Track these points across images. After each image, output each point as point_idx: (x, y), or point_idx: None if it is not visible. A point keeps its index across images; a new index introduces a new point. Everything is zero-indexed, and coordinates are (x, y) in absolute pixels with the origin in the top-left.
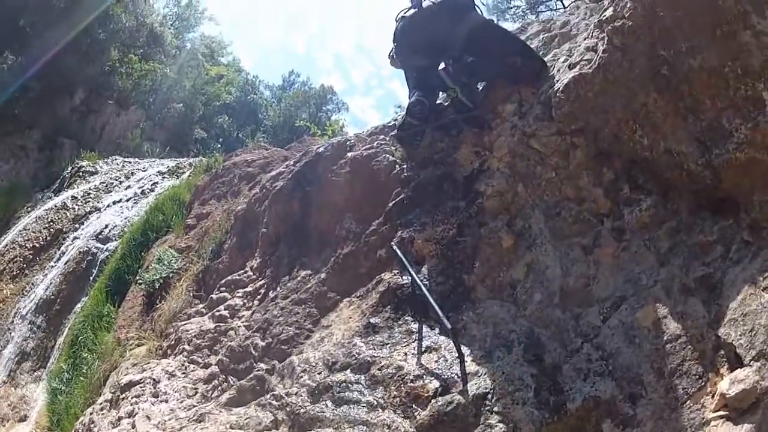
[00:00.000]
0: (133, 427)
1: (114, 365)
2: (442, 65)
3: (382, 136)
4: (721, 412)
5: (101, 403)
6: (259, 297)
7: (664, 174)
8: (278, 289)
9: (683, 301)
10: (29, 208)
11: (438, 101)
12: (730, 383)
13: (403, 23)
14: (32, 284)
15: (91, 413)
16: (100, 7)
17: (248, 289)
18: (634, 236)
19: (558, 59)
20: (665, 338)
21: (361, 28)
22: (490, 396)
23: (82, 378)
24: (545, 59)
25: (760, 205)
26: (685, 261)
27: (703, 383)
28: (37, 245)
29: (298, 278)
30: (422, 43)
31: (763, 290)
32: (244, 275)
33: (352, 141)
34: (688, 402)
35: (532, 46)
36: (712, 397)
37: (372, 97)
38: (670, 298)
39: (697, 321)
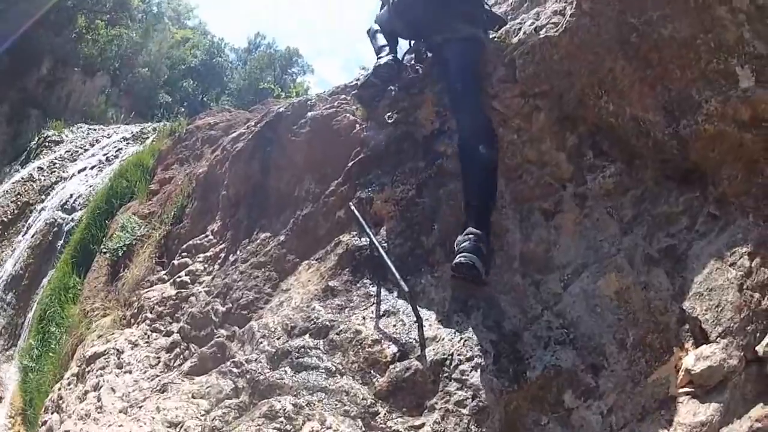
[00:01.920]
0: (99, 400)
1: (81, 338)
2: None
3: (343, 96)
4: (686, 389)
5: (68, 378)
6: (219, 261)
7: (629, 141)
8: (238, 252)
9: (646, 272)
10: None
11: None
12: (695, 359)
13: None
14: (1, 260)
15: (59, 389)
16: None
17: (209, 253)
18: (597, 203)
19: (525, 23)
20: (628, 308)
21: None
22: (448, 362)
23: (51, 354)
24: (512, 23)
25: (729, 180)
26: (649, 231)
27: (667, 357)
28: (5, 219)
29: (258, 241)
30: (409, 21)
31: (730, 266)
32: (205, 239)
33: (313, 101)
34: (651, 376)
35: (500, 10)
36: (677, 372)
37: (339, 58)
38: (633, 267)
39: (660, 292)
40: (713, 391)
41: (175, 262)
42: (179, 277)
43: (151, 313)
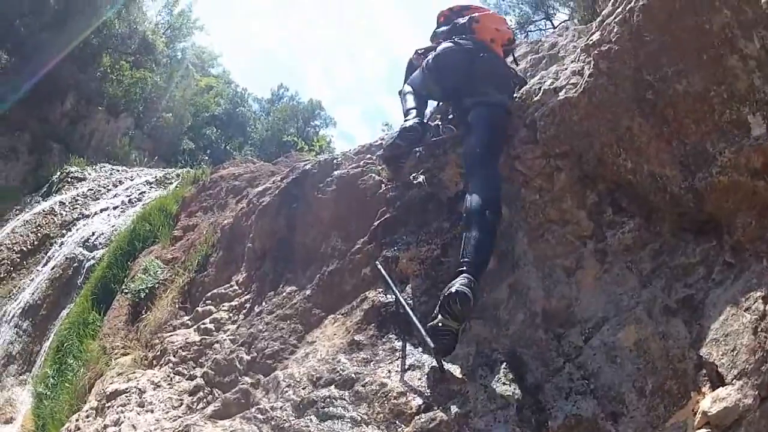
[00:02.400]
0: None
1: (99, 373)
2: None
3: (368, 155)
4: (703, 430)
5: (87, 411)
6: (244, 311)
7: (647, 197)
8: (264, 304)
9: (665, 322)
10: (17, 211)
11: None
12: (711, 401)
13: (446, 56)
14: (19, 288)
15: (76, 420)
16: (95, 12)
17: (234, 303)
18: (617, 258)
19: (545, 82)
20: (647, 358)
21: (347, 35)
22: (472, 414)
23: (67, 384)
24: (532, 82)
25: (743, 228)
26: (667, 282)
27: (684, 402)
28: (25, 249)
29: (284, 294)
30: (443, 84)
31: (745, 311)
32: (230, 289)
33: (339, 159)
34: (670, 420)
35: (519, 68)
36: (694, 415)
37: (359, 107)
38: (652, 318)
39: (678, 341)
40: (728, 430)
41: (199, 308)
42: (203, 323)
43: (174, 356)
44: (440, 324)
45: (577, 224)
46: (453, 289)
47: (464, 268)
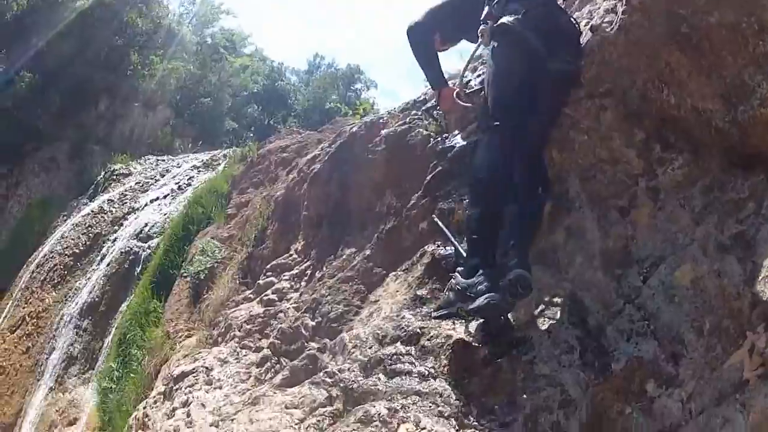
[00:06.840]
0: (188, 415)
1: (165, 358)
2: None
3: (414, 111)
4: (759, 371)
5: (154, 397)
6: (305, 278)
7: (693, 132)
8: (324, 269)
9: (720, 259)
10: (65, 217)
11: None
12: (766, 342)
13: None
14: (75, 290)
15: (144, 407)
16: (116, 16)
17: (294, 271)
18: (669, 195)
19: (580, 23)
20: (704, 297)
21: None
22: (537, 360)
23: (132, 375)
24: None
25: None
26: (719, 219)
27: (741, 342)
28: (77, 251)
29: (343, 257)
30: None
31: None
32: (289, 258)
33: (385, 118)
34: (727, 361)
35: None
36: (750, 356)
37: (401, 65)
38: (707, 256)
39: (733, 279)
40: None
41: (261, 281)
42: (266, 295)
43: (239, 331)
44: (499, 301)
45: (628, 163)
46: (514, 275)
47: (513, 241)
